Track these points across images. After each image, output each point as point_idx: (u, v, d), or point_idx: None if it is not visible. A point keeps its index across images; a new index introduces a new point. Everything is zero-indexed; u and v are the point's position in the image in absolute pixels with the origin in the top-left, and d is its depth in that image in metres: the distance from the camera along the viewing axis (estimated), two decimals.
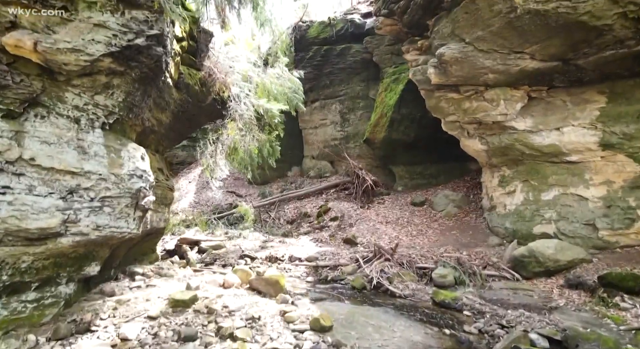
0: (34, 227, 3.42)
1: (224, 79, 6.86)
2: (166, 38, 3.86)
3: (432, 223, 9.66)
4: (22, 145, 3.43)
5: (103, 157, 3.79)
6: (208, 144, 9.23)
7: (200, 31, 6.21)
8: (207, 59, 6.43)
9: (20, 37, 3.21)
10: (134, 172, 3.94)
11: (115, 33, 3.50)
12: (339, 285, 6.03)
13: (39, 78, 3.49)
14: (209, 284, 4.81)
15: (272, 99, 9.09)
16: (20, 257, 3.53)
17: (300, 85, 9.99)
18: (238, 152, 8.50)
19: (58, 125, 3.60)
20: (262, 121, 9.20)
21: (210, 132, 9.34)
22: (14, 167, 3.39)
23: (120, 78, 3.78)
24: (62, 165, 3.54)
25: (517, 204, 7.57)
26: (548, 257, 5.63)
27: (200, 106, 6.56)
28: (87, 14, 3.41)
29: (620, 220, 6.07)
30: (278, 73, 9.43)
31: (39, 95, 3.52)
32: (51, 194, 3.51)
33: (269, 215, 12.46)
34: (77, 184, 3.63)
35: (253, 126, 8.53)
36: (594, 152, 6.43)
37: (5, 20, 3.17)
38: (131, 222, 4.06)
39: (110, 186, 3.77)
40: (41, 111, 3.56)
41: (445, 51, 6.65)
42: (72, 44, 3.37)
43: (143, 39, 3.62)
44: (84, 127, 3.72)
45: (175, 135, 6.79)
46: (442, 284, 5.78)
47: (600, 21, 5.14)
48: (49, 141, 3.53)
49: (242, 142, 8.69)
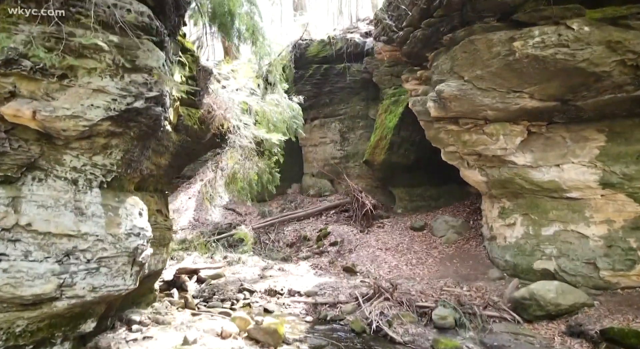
0: (29, 294, 3.38)
1: (223, 114, 6.87)
2: (165, 97, 3.87)
3: (431, 250, 9.61)
4: (18, 211, 3.41)
5: (100, 217, 3.76)
6: (207, 172, 9.22)
7: (200, 69, 6.24)
8: (206, 96, 6.45)
9: (19, 107, 3.21)
10: (132, 230, 3.91)
11: (114, 97, 3.50)
12: (339, 326, 5.97)
13: (37, 143, 3.48)
14: (207, 334, 4.75)
15: (272, 126, 9.12)
16: (14, 322, 3.49)
17: (299, 111, 10.00)
18: (237, 181, 8.48)
19: (55, 188, 3.58)
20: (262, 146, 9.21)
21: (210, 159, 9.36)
22: (10, 233, 3.37)
23: (118, 138, 3.78)
24: (58, 229, 3.52)
25: (517, 237, 7.53)
26: (549, 302, 5.58)
27: (200, 142, 6.57)
28: (86, 79, 3.41)
29: (621, 261, 6.03)
30: (277, 99, 9.46)
31: (37, 159, 3.52)
32: (47, 258, 3.48)
33: (269, 237, 12.40)
34: (74, 247, 3.60)
35: (253, 154, 8.54)
36: (594, 190, 6.41)
37: (5, 90, 3.17)
38: (128, 278, 4.02)
39: (107, 247, 3.74)
40: (39, 174, 3.54)
41: (444, 89, 6.67)
42: (71, 110, 3.37)
43: (142, 101, 3.62)
44: (82, 188, 3.71)
45: (174, 170, 6.78)
46: (443, 326, 5.72)
47: (599, 68, 5.17)
48: (46, 204, 3.51)
49: (242, 171, 8.69)
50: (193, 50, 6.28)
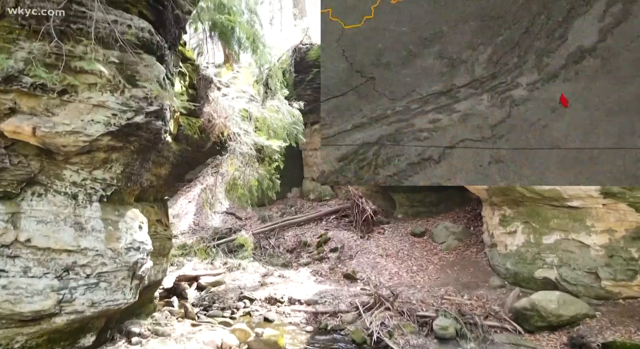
0: (28, 311, 3.36)
1: (224, 122, 6.86)
2: (165, 110, 3.86)
3: (432, 257, 9.58)
4: (18, 227, 3.40)
5: (100, 231, 3.75)
6: (208, 176, 9.21)
7: (200, 78, 6.24)
8: (207, 105, 6.44)
9: (19, 123, 3.20)
10: (131, 245, 3.90)
11: (114, 112, 3.49)
12: (339, 336, 5.94)
13: (37, 158, 3.47)
14: (207, 346, 4.73)
15: (272, 132, 9.12)
16: (13, 338, 3.47)
17: (300, 116, 10.00)
18: (238, 188, 8.46)
19: (55, 203, 3.57)
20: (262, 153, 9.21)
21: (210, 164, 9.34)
22: (9, 250, 3.35)
23: (119, 152, 3.77)
24: (58, 244, 3.50)
25: (518, 245, 7.51)
26: (551, 312, 5.55)
27: (200, 150, 6.56)
28: (87, 94, 3.40)
29: (622, 271, 6.00)
30: (277, 105, 9.46)
31: (37, 174, 3.50)
32: (46, 274, 3.46)
33: (269, 242, 12.38)
34: (73, 262, 3.58)
35: (253, 161, 8.53)
36: (595, 200, 6.39)
37: (4, 107, 3.16)
38: (128, 292, 4.00)
39: (107, 262, 3.72)
40: (38, 190, 3.53)
41: None
42: (71, 126, 3.36)
43: (142, 116, 3.61)
44: (82, 202, 3.69)
45: (174, 179, 6.76)
46: (444, 337, 5.69)
47: None
48: (46, 220, 3.50)
49: (242, 177, 8.68)
50: (193, 60, 6.29)
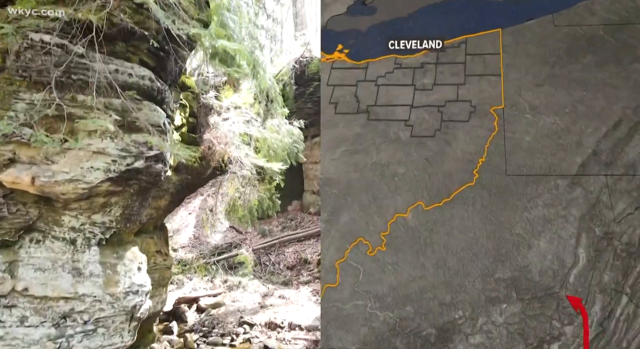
0: None
1: (224, 148, 6.85)
2: (166, 153, 3.84)
3: None
4: (15, 276, 3.37)
5: (99, 276, 3.71)
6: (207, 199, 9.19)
7: (200, 106, 6.24)
8: (207, 132, 6.43)
9: (18, 174, 3.18)
10: (130, 288, 3.85)
11: (114, 158, 3.48)
12: None
13: (35, 205, 3.45)
14: None
15: (272, 152, 9.11)
16: None
17: (300, 135, 10.00)
18: (238, 210, 8.44)
19: (53, 249, 3.54)
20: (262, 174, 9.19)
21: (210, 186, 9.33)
22: (6, 300, 3.32)
23: (118, 196, 3.75)
24: (55, 292, 3.46)
25: None
26: None
27: (201, 177, 6.54)
28: (87, 141, 3.39)
29: None
30: (277, 126, 9.46)
31: (35, 221, 3.48)
32: (43, 323, 3.42)
33: (269, 258, 12.33)
34: (71, 309, 3.54)
35: (253, 182, 8.51)
36: None
37: (4, 158, 3.14)
38: (126, 335, 3.95)
39: (105, 307, 3.68)
40: (37, 236, 3.50)
41: None
42: (70, 174, 3.34)
43: (142, 161, 3.59)
44: (80, 247, 3.66)
45: (174, 205, 6.73)
46: None
47: None
48: (43, 267, 3.46)
49: (242, 198, 8.65)
50: (193, 88, 6.29)
